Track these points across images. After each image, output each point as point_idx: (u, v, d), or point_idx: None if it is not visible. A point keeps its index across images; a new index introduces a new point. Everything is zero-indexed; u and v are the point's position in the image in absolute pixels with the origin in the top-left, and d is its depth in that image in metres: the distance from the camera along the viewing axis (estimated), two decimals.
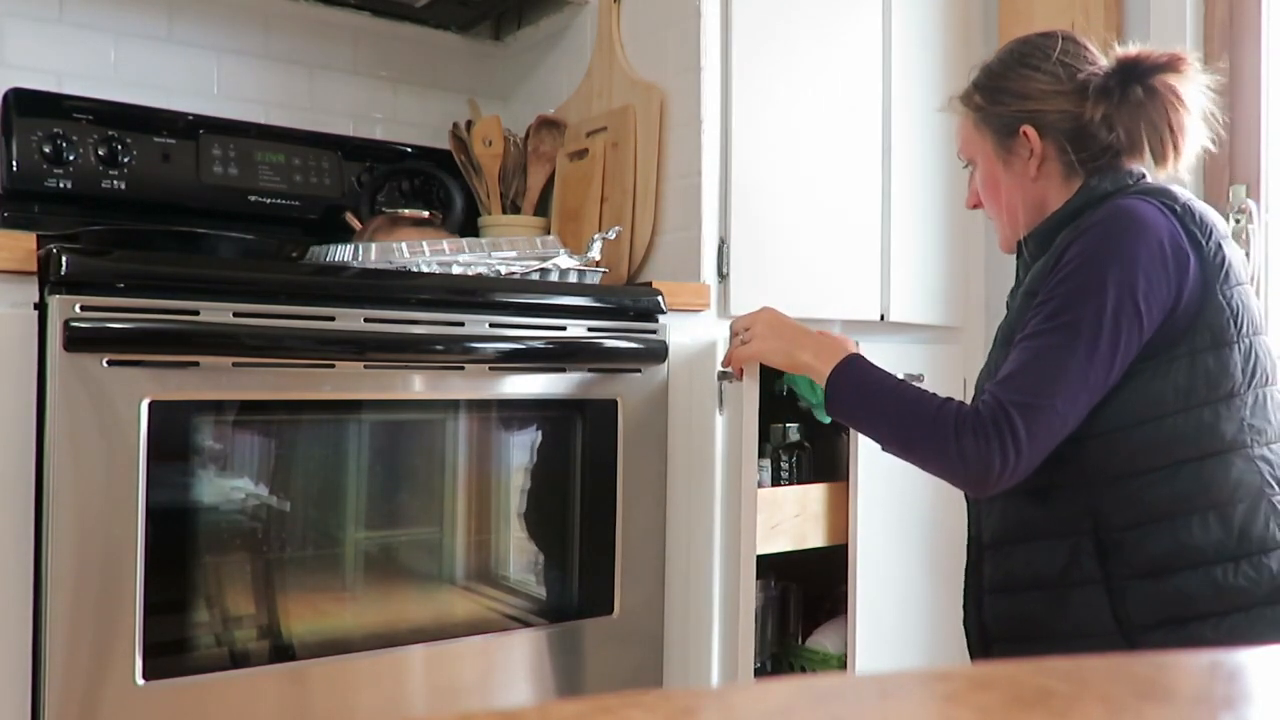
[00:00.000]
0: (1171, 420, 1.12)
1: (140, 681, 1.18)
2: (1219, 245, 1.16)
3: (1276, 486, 1.13)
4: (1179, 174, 1.24)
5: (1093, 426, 1.14)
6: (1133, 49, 1.23)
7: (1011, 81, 1.26)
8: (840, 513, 1.78)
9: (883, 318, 1.91)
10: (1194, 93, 1.21)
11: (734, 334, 1.47)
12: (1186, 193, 1.20)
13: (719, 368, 1.53)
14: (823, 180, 1.83)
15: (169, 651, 1.21)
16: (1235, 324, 1.14)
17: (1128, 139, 1.22)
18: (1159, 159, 1.22)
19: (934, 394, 1.19)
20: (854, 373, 1.24)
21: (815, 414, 1.42)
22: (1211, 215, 1.19)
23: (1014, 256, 1.36)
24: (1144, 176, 1.24)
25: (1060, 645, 1.17)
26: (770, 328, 1.37)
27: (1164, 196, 1.18)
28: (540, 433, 1.52)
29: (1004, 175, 1.28)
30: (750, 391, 1.54)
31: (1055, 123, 1.24)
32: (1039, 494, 1.18)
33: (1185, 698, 0.40)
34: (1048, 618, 1.17)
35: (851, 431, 1.76)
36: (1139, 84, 1.20)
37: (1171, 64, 1.20)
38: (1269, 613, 1.10)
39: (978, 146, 1.31)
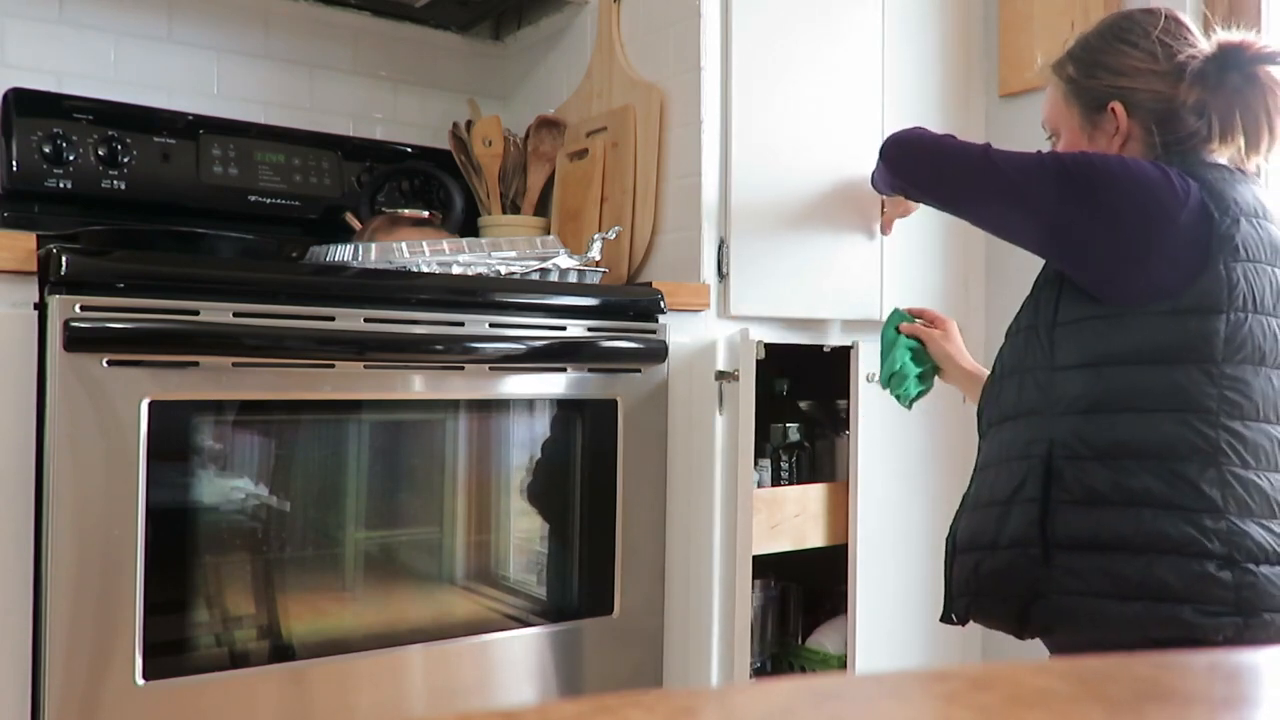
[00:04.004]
0: (1139, 370, 1.15)
1: (140, 681, 1.18)
2: (1235, 220, 1.15)
3: (1234, 457, 1.13)
4: (1269, 162, 1.23)
5: (1066, 358, 1.18)
6: (1236, 35, 1.21)
7: (1107, 56, 1.25)
8: (840, 513, 1.78)
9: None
10: None
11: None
12: (1224, 176, 1.19)
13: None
14: (823, 180, 1.83)
15: (169, 651, 1.21)
16: (1231, 296, 1.14)
17: (1220, 126, 1.21)
18: (1252, 145, 1.21)
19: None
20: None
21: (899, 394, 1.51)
22: (1246, 198, 1.18)
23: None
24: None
25: (993, 555, 1.22)
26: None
27: (1189, 171, 1.18)
28: (540, 433, 1.52)
29: (1086, 150, 1.28)
30: (747, 392, 1.54)
31: (1145, 102, 1.23)
32: (1016, 421, 1.23)
33: (1185, 698, 0.40)
34: (992, 531, 1.22)
35: (851, 431, 1.77)
36: (1238, 71, 1.19)
37: (1276, 57, 1.19)
38: (1180, 563, 1.11)
39: (1064, 118, 1.31)
